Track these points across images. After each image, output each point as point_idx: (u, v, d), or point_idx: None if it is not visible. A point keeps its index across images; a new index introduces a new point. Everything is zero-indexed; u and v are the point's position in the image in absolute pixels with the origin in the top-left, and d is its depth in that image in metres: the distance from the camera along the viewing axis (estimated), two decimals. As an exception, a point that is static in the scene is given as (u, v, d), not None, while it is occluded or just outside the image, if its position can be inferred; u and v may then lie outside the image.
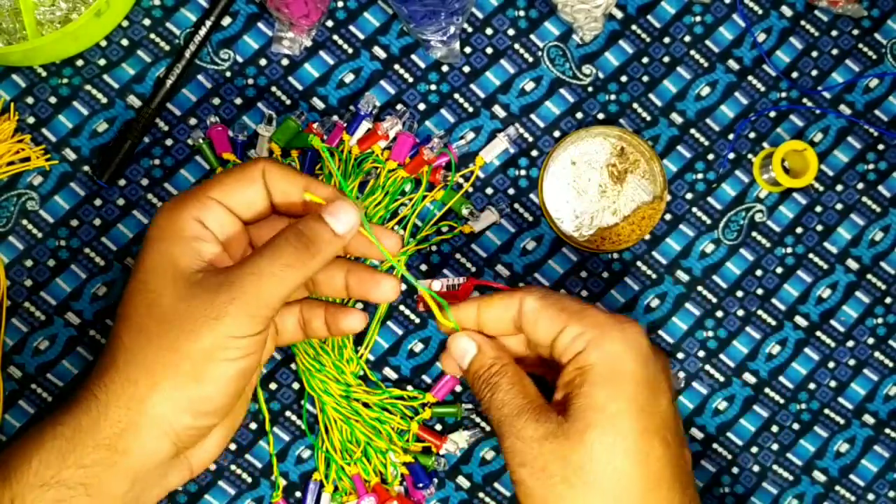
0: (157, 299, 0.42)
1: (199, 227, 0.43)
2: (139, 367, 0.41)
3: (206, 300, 0.41)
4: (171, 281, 0.42)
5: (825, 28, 0.66)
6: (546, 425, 0.42)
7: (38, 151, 0.61)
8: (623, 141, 0.64)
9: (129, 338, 0.42)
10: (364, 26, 0.64)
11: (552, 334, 0.45)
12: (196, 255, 0.43)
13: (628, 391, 0.42)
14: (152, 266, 0.42)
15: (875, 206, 0.66)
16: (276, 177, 0.45)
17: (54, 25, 0.61)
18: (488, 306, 0.47)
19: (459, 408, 0.61)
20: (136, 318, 0.42)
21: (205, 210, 0.44)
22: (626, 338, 0.43)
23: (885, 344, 0.65)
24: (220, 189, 0.44)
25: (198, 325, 0.41)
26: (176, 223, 0.43)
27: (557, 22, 0.65)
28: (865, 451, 0.65)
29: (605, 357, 0.43)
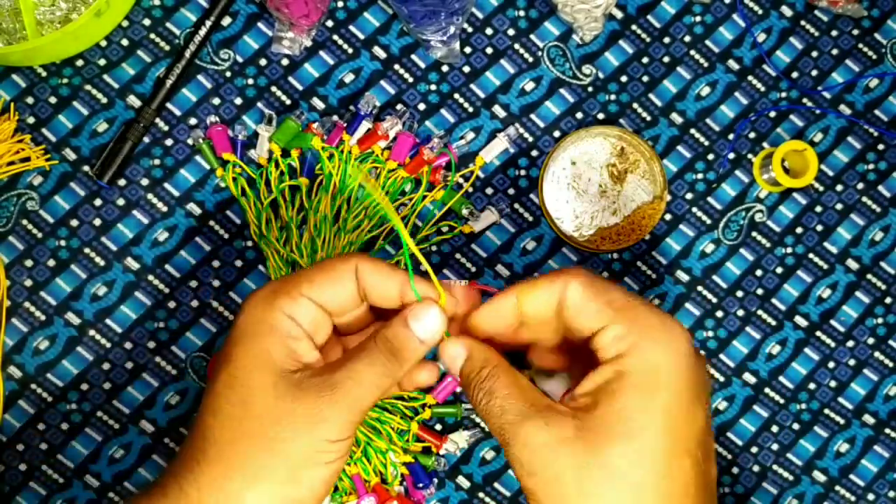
0: (253, 396, 0.41)
1: (292, 325, 0.42)
2: (233, 463, 0.40)
3: (307, 403, 0.40)
4: (268, 379, 0.41)
5: (825, 28, 0.66)
6: (558, 430, 0.39)
7: (38, 151, 0.61)
8: (623, 141, 0.64)
9: (222, 432, 0.41)
10: (364, 26, 0.64)
11: (594, 329, 0.41)
12: (292, 355, 0.42)
13: (664, 405, 0.38)
14: (246, 362, 0.41)
15: (875, 206, 0.66)
16: (370, 274, 0.44)
17: (54, 25, 0.61)
18: (530, 293, 0.43)
19: (459, 408, 0.61)
20: (229, 412, 0.41)
21: (297, 307, 0.43)
22: (671, 346, 0.40)
23: (885, 344, 0.65)
24: (312, 286, 0.43)
25: (298, 427, 0.40)
26: (268, 319, 0.42)
27: (557, 22, 0.65)
28: (865, 451, 0.65)
29: (645, 366, 0.39)
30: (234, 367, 0.42)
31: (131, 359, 0.61)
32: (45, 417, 0.60)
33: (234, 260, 0.62)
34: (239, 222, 0.63)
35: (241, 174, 0.62)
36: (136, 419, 0.61)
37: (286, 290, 0.43)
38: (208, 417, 0.42)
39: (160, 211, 0.62)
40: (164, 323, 0.62)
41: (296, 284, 0.43)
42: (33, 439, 0.60)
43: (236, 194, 0.62)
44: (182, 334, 0.62)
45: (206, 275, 0.62)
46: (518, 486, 0.62)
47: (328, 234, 0.61)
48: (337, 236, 0.61)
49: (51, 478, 0.60)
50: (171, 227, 0.62)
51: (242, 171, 0.62)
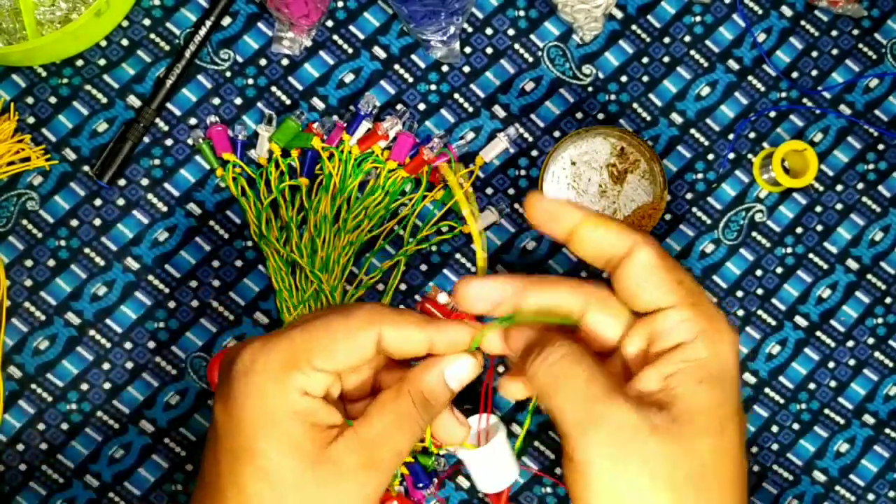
0: (274, 475, 0.37)
1: (309, 402, 0.38)
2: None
3: (351, 482, 0.38)
4: (306, 468, 0.38)
5: (825, 28, 0.66)
6: (651, 416, 0.36)
7: (38, 151, 0.61)
8: (623, 141, 0.64)
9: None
10: (364, 26, 0.64)
11: (656, 305, 0.38)
12: (317, 430, 0.38)
13: (734, 398, 0.37)
14: (274, 454, 0.38)
15: (875, 206, 0.66)
16: (395, 337, 0.40)
17: (54, 25, 0.61)
18: (596, 223, 0.39)
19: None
20: (251, 490, 0.38)
21: (310, 382, 0.38)
22: (733, 339, 0.38)
23: (885, 344, 0.65)
24: (329, 358, 0.38)
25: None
26: (284, 401, 0.38)
27: (557, 22, 0.65)
28: (865, 451, 0.65)
29: (718, 357, 0.37)
30: (262, 460, 0.38)
31: (131, 359, 0.61)
32: (45, 417, 0.60)
33: (234, 260, 0.62)
34: (239, 222, 0.63)
35: (241, 174, 0.62)
36: (136, 419, 0.61)
37: (298, 364, 0.38)
38: (234, 496, 0.38)
39: (160, 211, 0.62)
40: (164, 323, 0.62)
41: (307, 355, 0.38)
42: (33, 439, 0.60)
43: (236, 194, 0.62)
44: (182, 334, 0.62)
45: (206, 275, 0.62)
46: (518, 486, 0.62)
47: (328, 234, 0.61)
48: (337, 236, 0.61)
49: (51, 478, 0.60)
50: (171, 227, 0.62)
51: (242, 171, 0.62)
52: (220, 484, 0.38)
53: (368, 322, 0.39)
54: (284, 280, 0.61)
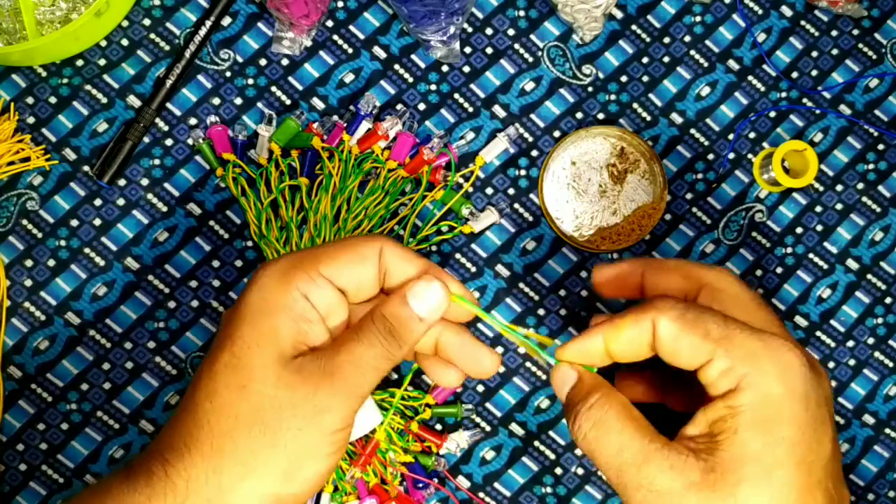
0: (254, 383, 0.38)
1: (306, 306, 0.39)
2: (229, 457, 0.37)
3: (309, 391, 0.38)
4: (271, 364, 0.38)
5: (825, 28, 0.66)
6: (685, 474, 0.36)
7: (38, 151, 0.61)
8: (623, 141, 0.64)
9: (218, 420, 0.38)
10: (364, 26, 0.64)
11: (696, 365, 0.38)
12: (302, 339, 0.39)
13: (788, 439, 0.36)
14: (251, 342, 0.38)
15: (875, 206, 0.66)
16: (394, 257, 0.41)
17: (54, 25, 0.61)
18: (616, 334, 0.40)
19: (459, 408, 0.61)
20: (227, 397, 0.38)
21: (314, 287, 0.39)
22: (783, 372, 0.36)
23: (885, 344, 0.65)
24: (334, 265, 0.40)
25: (301, 419, 0.37)
26: (282, 297, 0.39)
27: (557, 22, 0.65)
28: (865, 451, 0.65)
29: (760, 399, 0.36)
30: (237, 346, 0.38)
31: (131, 359, 0.61)
32: (45, 417, 0.60)
33: (234, 260, 0.62)
34: (239, 222, 0.63)
35: (241, 174, 0.62)
36: (136, 419, 0.61)
37: (304, 266, 0.39)
38: (204, 401, 0.39)
39: (160, 211, 0.62)
40: (164, 323, 0.62)
41: (314, 261, 0.40)
42: (33, 439, 0.60)
43: (236, 194, 0.62)
44: (182, 334, 0.62)
45: (206, 275, 0.62)
46: (518, 486, 0.62)
47: (328, 234, 0.61)
48: (337, 236, 0.61)
49: (51, 478, 0.60)
50: (171, 227, 0.62)
51: (242, 171, 0.62)
52: (197, 375, 0.39)
53: (372, 238, 0.41)
54: (284, 280, 0.61)
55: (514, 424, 0.63)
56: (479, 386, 0.63)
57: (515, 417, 0.63)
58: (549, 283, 0.64)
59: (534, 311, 0.64)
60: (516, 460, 0.63)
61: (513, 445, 0.63)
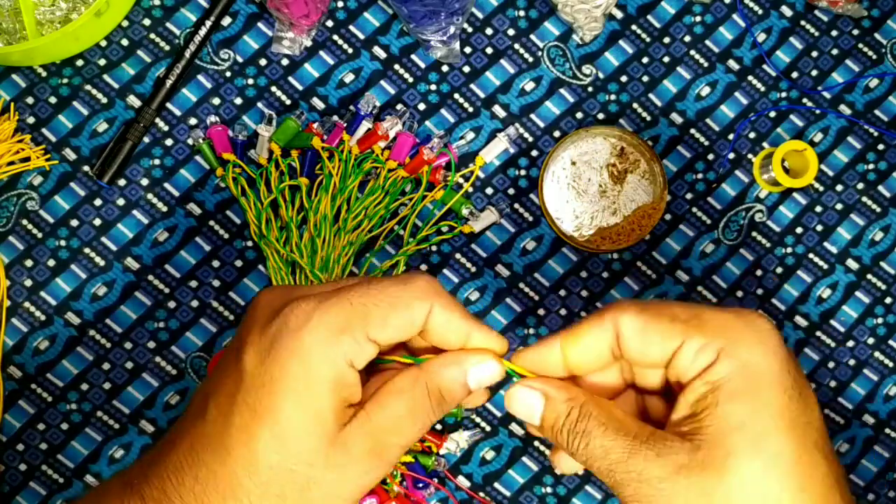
0: (302, 466, 0.35)
1: (351, 374, 0.36)
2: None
3: (359, 473, 0.36)
4: (322, 447, 0.35)
5: (825, 28, 0.66)
6: (673, 458, 0.34)
7: (38, 151, 0.61)
8: (623, 141, 0.64)
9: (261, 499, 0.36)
10: (364, 26, 0.64)
11: (668, 353, 0.36)
12: (340, 402, 0.36)
13: (775, 403, 0.34)
14: (298, 423, 0.35)
15: (875, 206, 0.66)
16: (441, 320, 0.38)
17: (54, 25, 0.61)
18: (575, 340, 0.38)
19: (459, 408, 0.61)
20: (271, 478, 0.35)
21: (360, 352, 0.36)
22: (760, 339, 0.35)
23: (885, 344, 0.65)
24: (384, 330, 0.36)
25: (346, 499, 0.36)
26: (330, 370, 0.35)
27: (557, 22, 0.65)
28: (865, 451, 0.65)
29: (741, 367, 0.35)
30: (282, 427, 0.35)
31: (131, 359, 0.61)
32: (45, 417, 0.60)
33: (234, 260, 0.62)
34: (239, 222, 0.63)
35: (241, 174, 0.62)
36: (135, 419, 0.61)
37: (353, 332, 0.36)
38: (243, 476, 0.35)
39: (160, 211, 0.62)
40: (164, 323, 0.62)
41: (363, 325, 0.36)
42: (33, 439, 0.60)
43: (236, 194, 0.62)
44: (182, 334, 0.62)
45: (206, 275, 0.62)
46: (518, 486, 0.62)
47: (328, 234, 0.61)
48: (337, 236, 0.61)
49: (51, 478, 0.60)
50: (171, 227, 0.62)
51: (242, 171, 0.62)
52: (229, 440, 0.36)
53: (425, 294, 0.37)
54: (284, 280, 0.61)
55: (514, 424, 0.63)
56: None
57: (515, 417, 0.63)
58: (549, 283, 0.64)
59: (534, 311, 0.64)
60: (516, 460, 0.63)
61: (513, 445, 0.63)
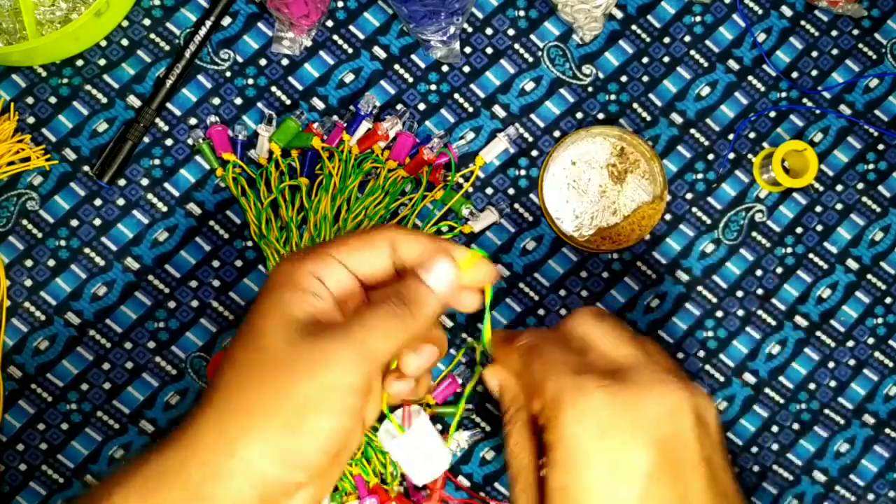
0: (263, 342, 0.40)
1: (315, 283, 0.42)
2: (234, 408, 0.39)
3: (314, 346, 0.40)
4: (280, 325, 0.40)
5: (825, 28, 0.66)
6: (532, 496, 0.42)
7: (38, 151, 0.61)
8: (623, 141, 0.64)
9: (229, 378, 0.40)
10: (364, 26, 0.64)
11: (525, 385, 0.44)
12: (308, 305, 0.41)
13: (583, 479, 0.39)
14: (263, 311, 0.41)
15: (875, 206, 0.66)
16: (407, 244, 0.44)
17: (54, 25, 0.61)
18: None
19: (459, 408, 0.61)
20: (240, 358, 0.41)
21: (323, 266, 0.42)
22: (580, 417, 0.39)
23: (885, 344, 0.65)
24: (343, 249, 0.43)
25: (302, 370, 0.39)
26: (293, 275, 0.42)
27: (557, 22, 0.65)
28: (865, 451, 0.65)
29: (560, 441, 0.40)
30: (252, 318, 0.41)
31: (131, 359, 0.61)
32: (45, 417, 0.60)
33: (234, 260, 0.62)
34: (239, 222, 0.63)
35: (241, 174, 0.62)
36: (136, 419, 0.61)
37: (315, 251, 0.42)
38: (227, 369, 0.41)
39: (160, 211, 0.62)
40: (164, 323, 0.62)
41: (326, 246, 0.43)
42: (33, 439, 0.60)
43: (236, 194, 0.62)
44: (182, 334, 0.62)
45: (206, 275, 0.62)
46: (518, 486, 0.62)
47: (328, 234, 0.61)
48: (337, 236, 0.61)
49: (51, 478, 0.60)
50: (171, 227, 0.62)
51: (242, 171, 0.62)
52: (221, 364, 0.41)
53: (384, 229, 0.43)
54: (284, 280, 0.61)
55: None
56: (479, 386, 0.63)
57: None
58: (549, 283, 0.64)
59: (534, 311, 0.64)
60: (516, 460, 0.63)
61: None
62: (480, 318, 0.63)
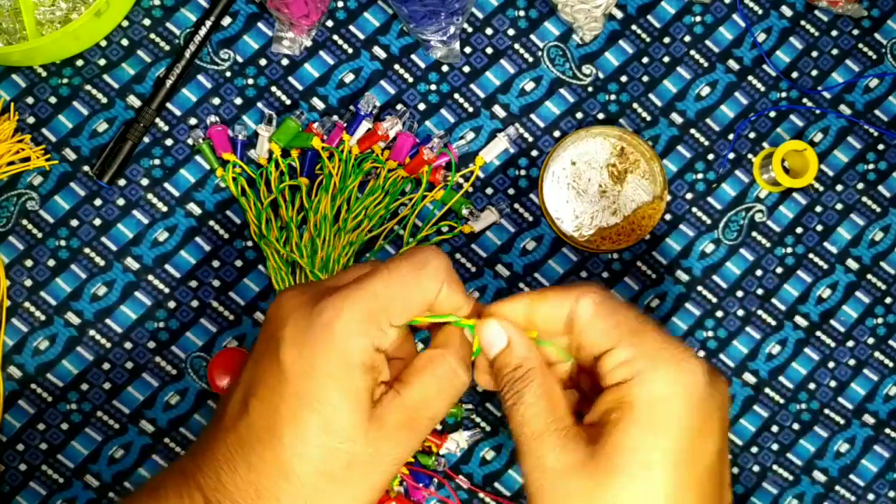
0: (346, 444, 0.38)
1: (380, 358, 0.39)
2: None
3: (392, 446, 0.39)
4: (361, 424, 0.38)
5: (825, 28, 0.66)
6: (571, 455, 0.38)
7: (38, 151, 0.61)
8: (623, 141, 0.64)
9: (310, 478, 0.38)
10: (364, 26, 0.64)
11: (599, 350, 0.40)
12: (375, 388, 0.39)
13: (669, 440, 0.37)
14: (340, 406, 0.38)
15: (875, 206, 0.66)
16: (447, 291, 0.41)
17: (54, 25, 0.61)
18: (541, 301, 0.42)
19: (459, 408, 0.61)
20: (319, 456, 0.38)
21: (385, 337, 0.39)
22: (678, 378, 0.38)
23: (885, 344, 0.65)
24: (405, 314, 0.40)
25: (381, 474, 0.39)
26: (363, 356, 0.38)
27: (557, 22, 0.65)
28: (865, 451, 0.65)
29: (649, 397, 0.37)
30: (329, 412, 0.38)
31: (131, 359, 0.61)
32: (45, 417, 0.60)
33: (234, 260, 0.62)
34: (239, 222, 0.63)
35: (241, 174, 0.62)
36: (135, 419, 0.61)
37: (378, 320, 0.39)
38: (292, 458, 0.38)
39: (160, 211, 0.62)
40: (164, 323, 0.62)
41: (388, 313, 0.39)
42: (33, 439, 0.60)
43: (236, 194, 0.62)
44: (182, 334, 0.62)
45: (206, 275, 0.62)
46: (518, 486, 0.62)
47: (328, 234, 0.61)
48: (337, 236, 0.61)
49: (51, 478, 0.60)
50: (171, 227, 0.62)
51: (242, 171, 0.62)
52: (278, 427, 0.38)
53: (438, 275, 0.41)
54: (284, 280, 0.61)
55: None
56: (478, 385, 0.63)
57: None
58: (549, 283, 0.64)
59: (534, 311, 0.63)
60: (516, 460, 0.63)
61: (513, 445, 0.63)
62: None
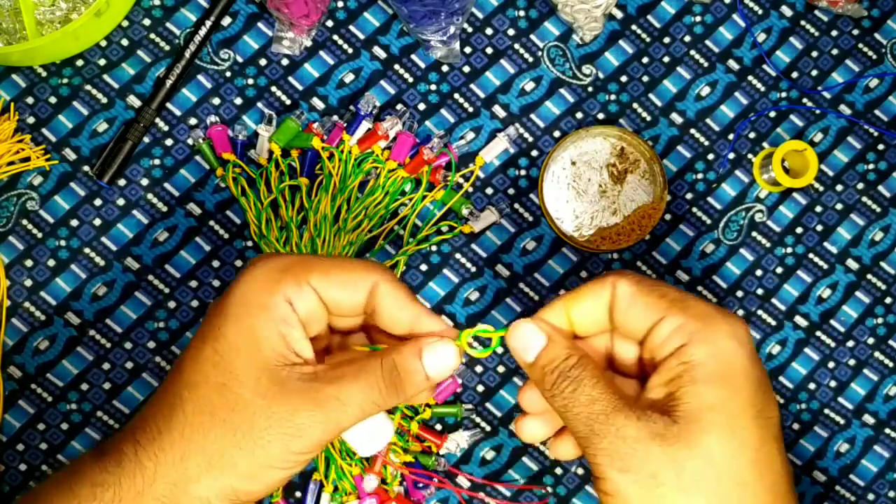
0: (234, 384, 0.39)
1: (288, 310, 0.40)
2: (197, 448, 0.39)
3: (288, 410, 0.39)
4: (252, 368, 0.39)
5: (825, 28, 0.66)
6: (651, 425, 0.37)
7: (38, 151, 0.61)
8: (623, 141, 0.64)
9: (195, 413, 0.39)
10: (364, 26, 0.64)
11: (648, 324, 0.39)
12: (284, 343, 0.40)
13: (745, 392, 0.37)
14: (235, 343, 0.39)
15: (875, 206, 0.66)
16: (388, 296, 0.41)
17: (54, 25, 0.61)
18: (577, 300, 0.41)
19: (460, 408, 0.61)
20: (206, 392, 0.39)
21: (300, 293, 0.40)
22: (735, 332, 0.38)
23: (885, 344, 0.65)
24: (324, 280, 0.40)
25: (271, 434, 0.39)
26: (267, 298, 0.39)
27: (557, 22, 0.65)
28: (865, 451, 0.65)
29: (715, 353, 0.37)
30: (221, 344, 0.39)
31: (131, 359, 0.61)
32: (45, 417, 0.60)
33: (234, 260, 0.62)
34: (239, 222, 0.63)
35: (241, 174, 0.62)
36: (136, 419, 0.61)
37: (294, 272, 0.40)
38: (182, 389, 0.39)
39: (160, 211, 0.62)
40: (164, 323, 0.62)
41: (306, 270, 0.40)
42: (33, 439, 0.60)
43: (236, 194, 0.62)
44: (182, 334, 0.62)
45: (206, 275, 0.62)
46: (518, 487, 0.62)
47: (328, 234, 0.61)
48: (337, 236, 0.61)
49: (51, 478, 0.60)
50: (171, 227, 0.62)
51: (242, 171, 0.62)
52: (181, 361, 0.40)
53: (371, 269, 0.41)
54: (284, 280, 0.61)
55: (514, 425, 0.63)
56: (479, 386, 0.63)
57: (515, 417, 0.63)
58: (549, 283, 0.64)
59: (534, 311, 0.63)
60: (516, 460, 0.63)
61: (513, 445, 0.63)
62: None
